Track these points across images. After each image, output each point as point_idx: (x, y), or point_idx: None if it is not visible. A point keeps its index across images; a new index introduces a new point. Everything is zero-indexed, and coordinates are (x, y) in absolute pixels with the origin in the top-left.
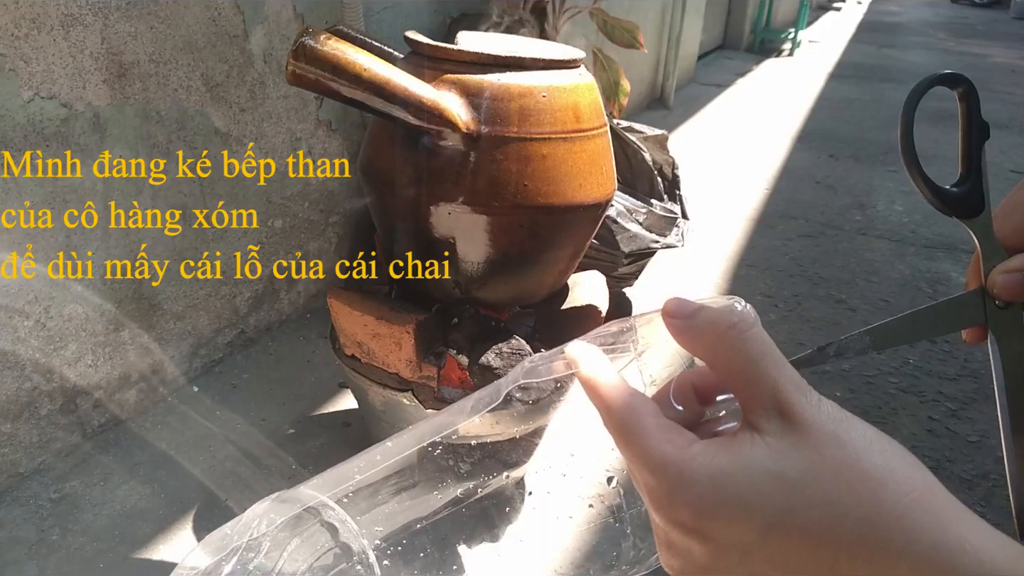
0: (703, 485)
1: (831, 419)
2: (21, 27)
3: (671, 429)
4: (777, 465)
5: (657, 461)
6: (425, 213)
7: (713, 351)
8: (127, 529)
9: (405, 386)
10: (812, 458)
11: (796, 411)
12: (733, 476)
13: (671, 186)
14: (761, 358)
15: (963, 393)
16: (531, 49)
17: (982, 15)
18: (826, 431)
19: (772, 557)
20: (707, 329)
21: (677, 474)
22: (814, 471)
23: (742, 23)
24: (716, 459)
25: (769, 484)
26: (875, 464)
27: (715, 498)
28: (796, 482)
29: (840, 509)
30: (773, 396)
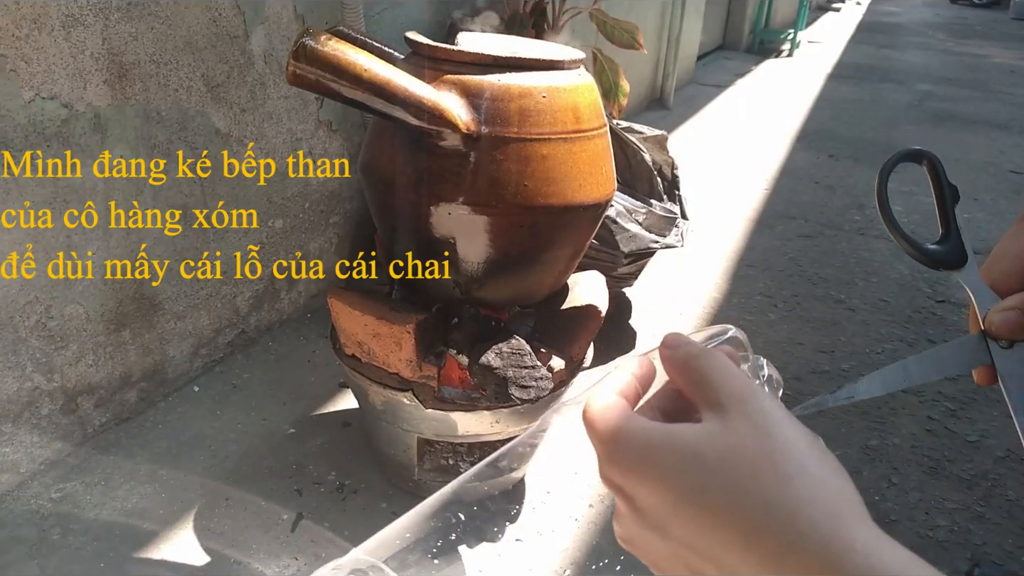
0: (632, 449)
1: (766, 415)
2: (22, 27)
3: (628, 412)
4: (699, 445)
5: (604, 432)
6: (425, 213)
7: (679, 373)
8: (128, 529)
9: (405, 386)
10: (733, 445)
11: (734, 405)
12: (659, 447)
13: (671, 186)
14: (715, 370)
15: (962, 393)
16: (531, 50)
17: (981, 15)
18: (756, 422)
19: (683, 535)
20: (680, 356)
21: (613, 437)
22: (731, 457)
23: (741, 24)
24: (650, 431)
25: (687, 461)
26: (791, 459)
27: (639, 462)
28: (712, 463)
29: (743, 496)
30: (714, 395)
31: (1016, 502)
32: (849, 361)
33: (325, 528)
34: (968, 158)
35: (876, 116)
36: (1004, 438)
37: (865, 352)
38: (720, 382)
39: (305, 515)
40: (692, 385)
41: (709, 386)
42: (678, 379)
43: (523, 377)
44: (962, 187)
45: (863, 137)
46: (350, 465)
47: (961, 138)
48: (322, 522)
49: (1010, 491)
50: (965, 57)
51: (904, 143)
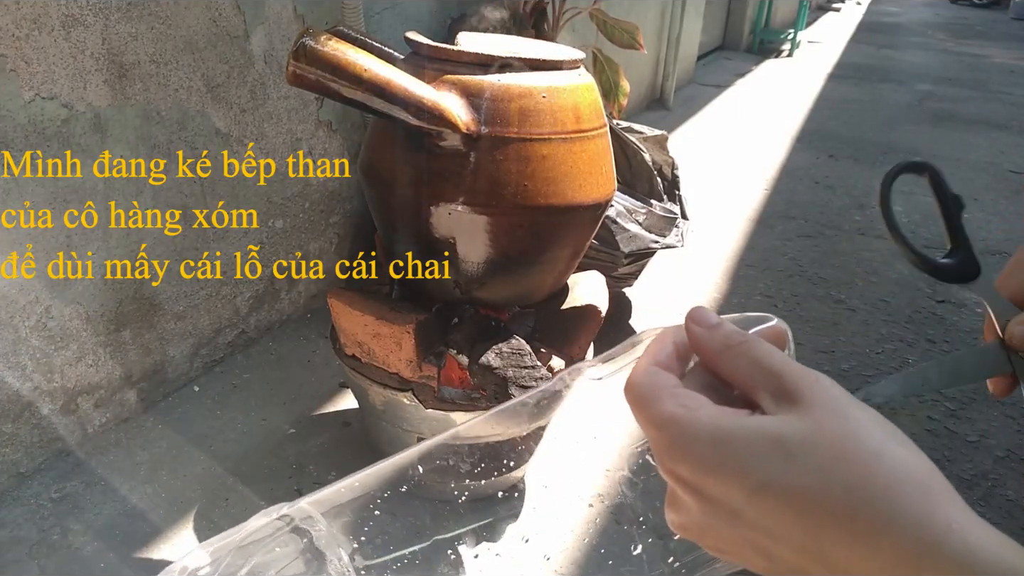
0: (703, 441)
1: (835, 397)
2: (22, 28)
3: (685, 395)
4: (777, 430)
5: (665, 418)
6: (425, 213)
7: (720, 361)
8: (128, 529)
9: (405, 386)
10: (811, 427)
11: (800, 390)
12: (733, 436)
13: (671, 186)
14: (767, 357)
15: (962, 393)
16: (531, 50)
17: (981, 15)
18: (829, 406)
19: (758, 520)
20: (719, 342)
21: (680, 430)
22: (812, 439)
23: (741, 24)
24: (720, 420)
25: (766, 446)
26: (873, 437)
27: (713, 455)
28: (793, 447)
29: (830, 476)
30: (777, 382)
31: (1016, 502)
32: (849, 361)
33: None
34: (968, 158)
35: (876, 116)
36: (1004, 438)
37: (865, 352)
38: (779, 368)
39: None
40: (739, 371)
41: (768, 373)
42: (716, 362)
43: (523, 377)
44: (962, 187)
45: (863, 137)
46: (350, 465)
47: (961, 138)
48: None
49: (1010, 491)
50: (965, 57)
51: (904, 143)
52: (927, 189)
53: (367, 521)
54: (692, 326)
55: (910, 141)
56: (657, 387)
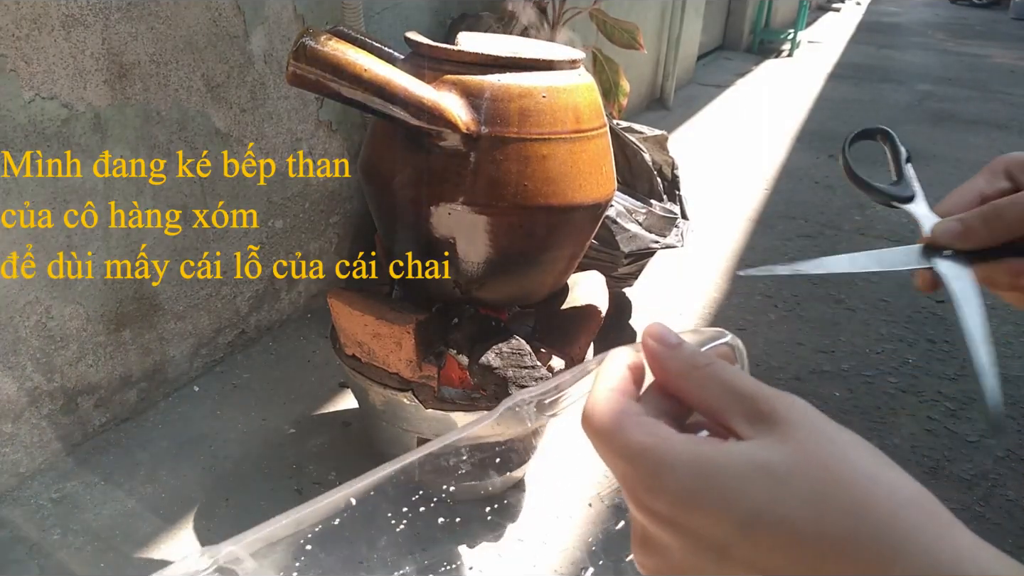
0: (682, 473)
1: (815, 419)
2: (22, 28)
3: (651, 424)
4: (763, 456)
5: (635, 449)
6: (425, 213)
7: (685, 385)
8: (128, 529)
9: (405, 386)
10: (797, 451)
11: (779, 413)
12: (715, 465)
13: (671, 186)
14: (736, 379)
15: (962, 393)
16: (531, 50)
17: (981, 16)
18: (811, 428)
19: (750, 556)
20: (682, 362)
21: (656, 461)
22: (800, 463)
23: (741, 24)
24: (698, 448)
25: (753, 474)
26: (864, 460)
27: (694, 487)
28: (781, 473)
29: (826, 503)
30: (753, 405)
31: (1016, 502)
32: (849, 361)
33: None
34: (968, 158)
35: (876, 116)
36: (1004, 438)
37: (865, 352)
38: (752, 391)
39: None
40: (707, 395)
41: (740, 396)
42: (680, 385)
43: (523, 377)
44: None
45: None
46: (350, 465)
47: (961, 138)
48: None
49: (1010, 491)
50: (965, 57)
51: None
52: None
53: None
54: (652, 344)
55: (910, 141)
56: (621, 415)
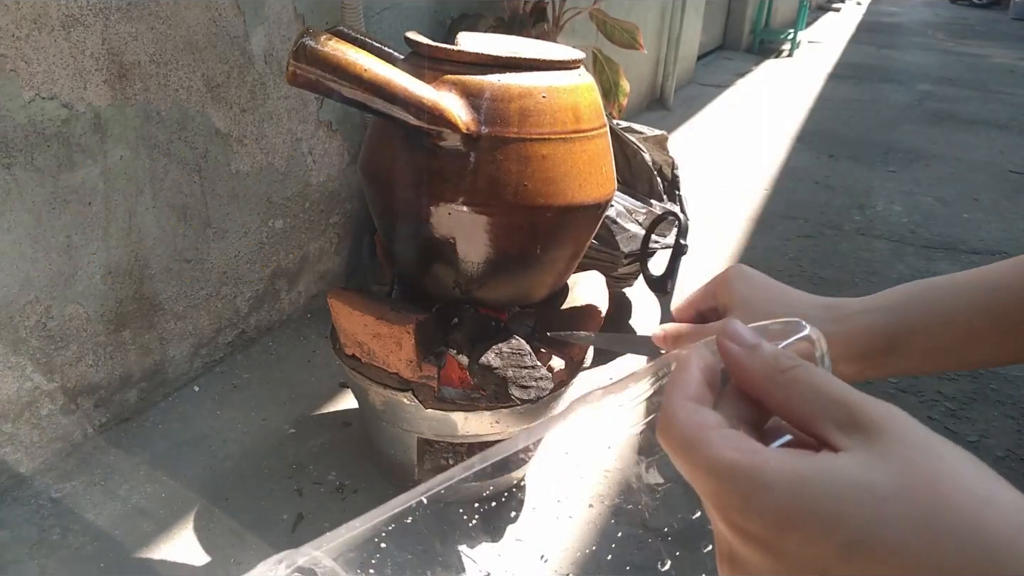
0: (779, 493)
1: (917, 431)
2: (22, 28)
3: (737, 437)
4: (866, 475)
5: (724, 466)
6: (425, 213)
7: (768, 389)
8: (128, 529)
9: (405, 386)
10: (903, 469)
11: (877, 422)
12: (814, 484)
13: (671, 186)
14: (826, 383)
15: (962, 393)
16: (531, 50)
17: (981, 15)
18: (914, 442)
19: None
20: (764, 365)
21: (748, 480)
22: (908, 482)
23: (742, 24)
24: (795, 466)
25: (855, 495)
26: (976, 479)
27: (792, 507)
28: (888, 493)
29: (937, 525)
30: (848, 412)
31: None
32: None
33: (325, 528)
34: (968, 158)
35: (876, 116)
36: (1004, 438)
37: None
38: (845, 396)
39: (305, 515)
40: (795, 401)
41: (832, 402)
42: (765, 390)
43: (523, 377)
44: (962, 187)
45: (863, 137)
46: (350, 465)
47: (961, 138)
48: (322, 522)
49: None
50: (965, 57)
51: (904, 143)
52: (927, 190)
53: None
54: (730, 347)
55: (910, 141)
56: (704, 428)
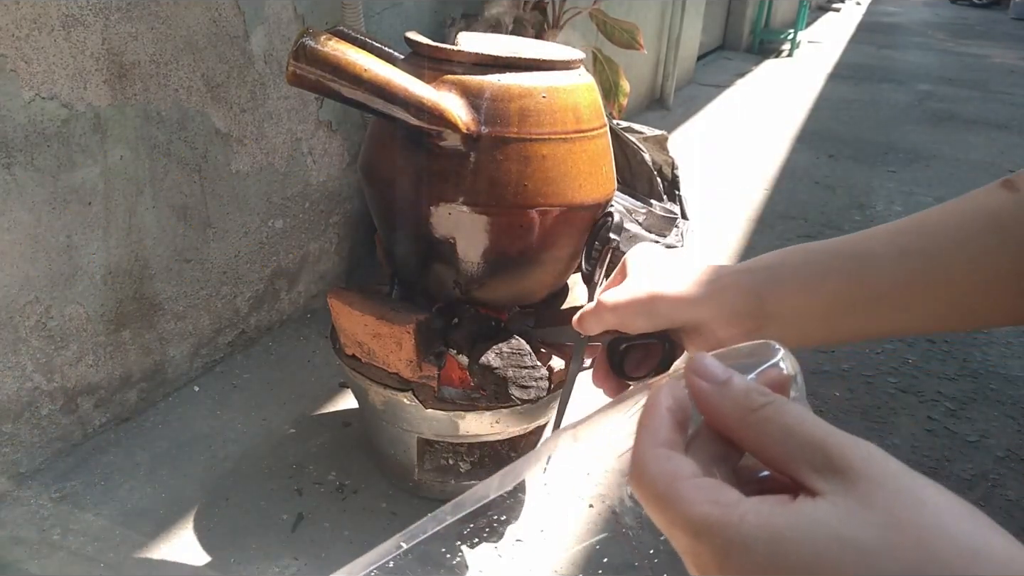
0: (758, 551)
1: (902, 475)
2: (22, 28)
3: (712, 488)
4: (847, 529)
5: (700, 524)
6: (425, 213)
7: (741, 430)
8: (128, 529)
9: (405, 386)
10: (887, 521)
11: (857, 466)
12: (794, 541)
13: (671, 186)
14: (800, 423)
15: (962, 393)
16: (531, 50)
17: (981, 15)
18: (899, 488)
19: None
20: (735, 404)
21: (725, 538)
22: (892, 536)
23: (741, 24)
24: (772, 520)
25: (839, 551)
26: (964, 530)
27: (772, 565)
28: (872, 549)
29: None
30: (824, 454)
31: (1016, 502)
32: (849, 361)
33: (325, 528)
34: (968, 158)
35: (876, 116)
36: (1004, 438)
37: (865, 352)
38: (821, 438)
39: (305, 515)
40: (768, 443)
41: (807, 444)
42: (736, 431)
43: (523, 377)
44: (962, 187)
45: (863, 137)
46: (350, 465)
47: (961, 138)
48: (322, 522)
49: (1010, 491)
50: (965, 57)
51: (904, 143)
52: (927, 190)
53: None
54: (698, 384)
55: (910, 141)
56: (676, 480)
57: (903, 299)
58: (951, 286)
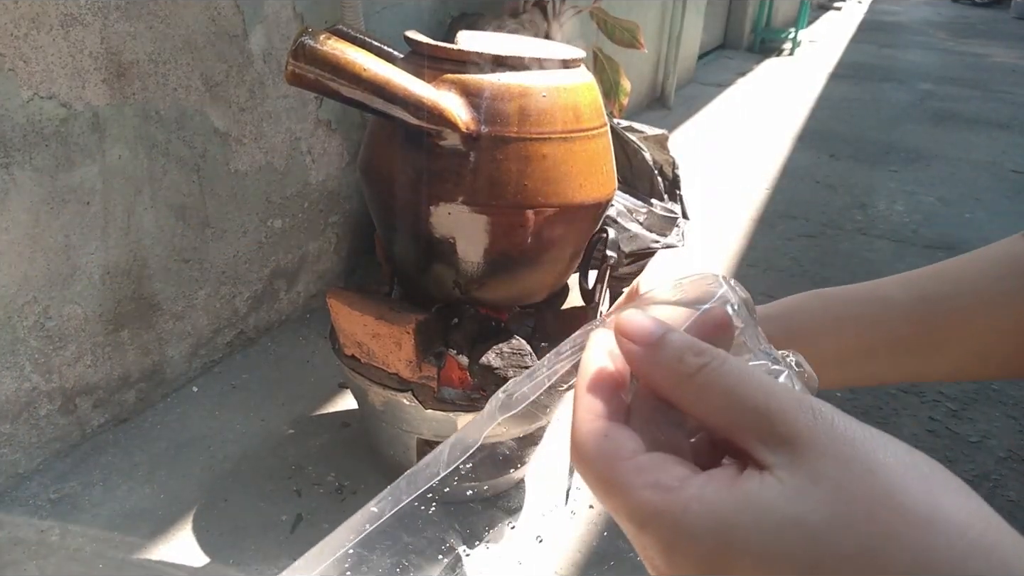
0: (705, 541)
1: (851, 439)
2: (20, 27)
3: (653, 468)
4: (794, 508)
5: (642, 514)
6: (425, 213)
7: (679, 396)
8: (126, 529)
9: (405, 386)
10: (836, 495)
11: (803, 434)
12: (741, 527)
13: (671, 186)
14: (739, 387)
15: (964, 393)
16: (531, 49)
17: (982, 15)
18: (848, 456)
19: None
20: (670, 371)
21: (671, 529)
22: (842, 512)
23: (742, 23)
24: (717, 506)
25: (788, 534)
26: (916, 497)
27: (722, 556)
28: (821, 529)
29: (880, 561)
30: (768, 423)
31: (1018, 503)
32: None
33: (325, 529)
34: (970, 157)
35: (877, 115)
36: (1006, 439)
37: None
38: (764, 405)
39: (304, 516)
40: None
41: (749, 412)
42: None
43: None
44: (963, 187)
45: (864, 136)
46: (349, 466)
47: (962, 137)
48: (321, 523)
49: (1011, 492)
50: (966, 56)
51: (905, 142)
52: (928, 189)
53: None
54: (627, 346)
55: (911, 140)
56: (616, 462)
57: (922, 345)
58: (971, 332)
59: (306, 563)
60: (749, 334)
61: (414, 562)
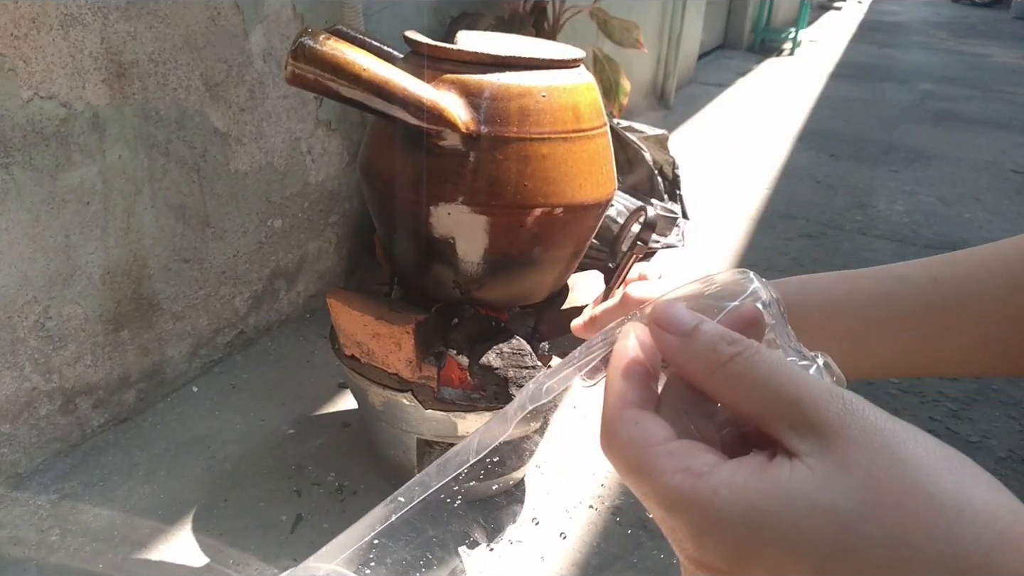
0: (735, 526)
1: (882, 430)
2: (20, 27)
3: (683, 454)
4: (824, 495)
5: (672, 498)
6: (425, 213)
7: (711, 385)
8: (127, 529)
9: (405, 386)
10: (866, 483)
11: (834, 423)
12: (771, 513)
13: (671, 186)
14: (771, 376)
15: (964, 393)
16: (531, 49)
17: (983, 15)
18: (878, 446)
19: None
20: (703, 359)
21: (699, 512)
22: (871, 500)
23: (742, 22)
24: (747, 492)
25: (817, 520)
26: (945, 488)
27: (751, 541)
28: (851, 516)
29: (908, 549)
30: (799, 411)
31: None
32: None
33: (325, 530)
34: (970, 157)
35: (877, 115)
36: (1006, 439)
37: None
38: (795, 394)
39: (304, 516)
40: (741, 398)
41: (780, 400)
42: (708, 387)
43: (523, 377)
44: (963, 187)
45: (864, 136)
46: (349, 466)
47: (963, 137)
48: (321, 523)
49: (1012, 492)
50: (966, 56)
51: (905, 142)
52: (928, 189)
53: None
54: (663, 337)
55: (911, 140)
56: (647, 448)
57: (931, 326)
58: (980, 319)
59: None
60: (779, 331)
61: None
